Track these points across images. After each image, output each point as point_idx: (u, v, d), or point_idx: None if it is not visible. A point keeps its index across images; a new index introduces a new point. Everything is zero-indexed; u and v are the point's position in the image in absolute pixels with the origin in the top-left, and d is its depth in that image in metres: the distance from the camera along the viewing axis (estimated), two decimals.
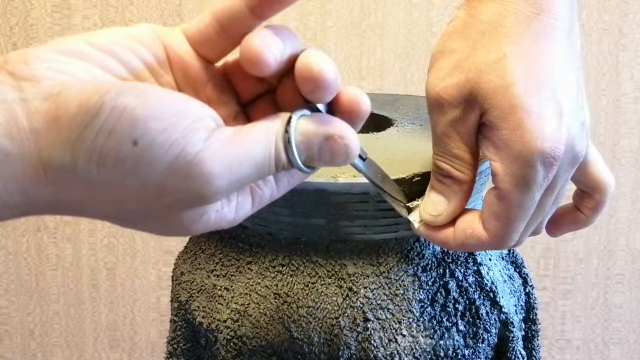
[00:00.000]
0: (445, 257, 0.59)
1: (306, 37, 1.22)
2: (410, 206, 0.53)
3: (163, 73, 0.38)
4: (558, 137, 0.46)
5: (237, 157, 0.34)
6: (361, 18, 1.23)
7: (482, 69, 0.47)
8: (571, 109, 0.47)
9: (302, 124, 0.36)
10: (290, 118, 0.36)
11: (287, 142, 0.36)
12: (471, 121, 0.48)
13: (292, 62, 0.37)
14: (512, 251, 0.66)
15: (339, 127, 0.37)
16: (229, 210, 0.37)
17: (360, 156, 0.45)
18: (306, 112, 0.37)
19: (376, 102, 0.72)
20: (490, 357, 0.60)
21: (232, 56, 0.40)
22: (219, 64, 0.40)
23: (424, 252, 0.57)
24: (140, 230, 0.38)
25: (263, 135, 0.36)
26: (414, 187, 0.53)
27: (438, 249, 0.58)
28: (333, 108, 0.38)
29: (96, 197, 0.34)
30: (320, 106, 0.38)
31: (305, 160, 0.37)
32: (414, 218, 0.52)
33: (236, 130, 0.35)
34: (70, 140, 0.32)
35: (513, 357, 0.61)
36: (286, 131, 0.36)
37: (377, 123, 0.67)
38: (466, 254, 0.60)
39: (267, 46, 0.35)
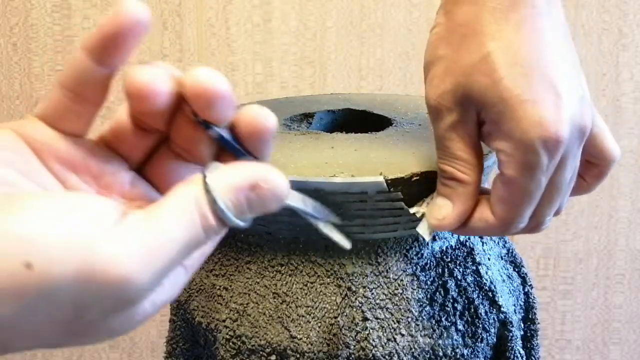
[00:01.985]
0: (444, 257, 0.59)
1: (306, 37, 1.23)
2: (412, 212, 0.53)
3: (38, 173, 0.33)
4: (559, 119, 0.46)
5: (156, 245, 0.30)
6: (361, 18, 1.23)
7: (469, 71, 0.48)
8: (567, 87, 0.47)
9: (221, 180, 0.32)
10: (204, 178, 0.32)
11: (213, 205, 0.31)
12: (470, 122, 0.49)
13: (178, 98, 0.34)
14: (511, 251, 0.66)
15: (261, 171, 0.33)
16: (163, 292, 0.32)
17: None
18: (217, 164, 0.33)
19: (376, 102, 0.72)
20: (489, 356, 0.60)
21: (106, 124, 0.36)
22: (95, 136, 0.36)
23: (422, 251, 0.57)
24: (70, 347, 0.34)
25: (181, 209, 0.31)
26: (413, 187, 0.53)
27: (437, 248, 0.58)
28: (236, 132, 0.35)
29: (10, 336, 0.29)
30: (224, 132, 0.34)
31: (236, 216, 0.32)
32: (422, 230, 0.53)
33: (147, 213, 0.30)
34: None
35: (512, 356, 0.61)
36: (207, 191, 0.31)
37: (376, 123, 0.67)
38: (465, 253, 0.60)
39: (155, 75, 0.32)
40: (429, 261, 0.58)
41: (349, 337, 0.55)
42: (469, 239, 0.61)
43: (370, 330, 0.55)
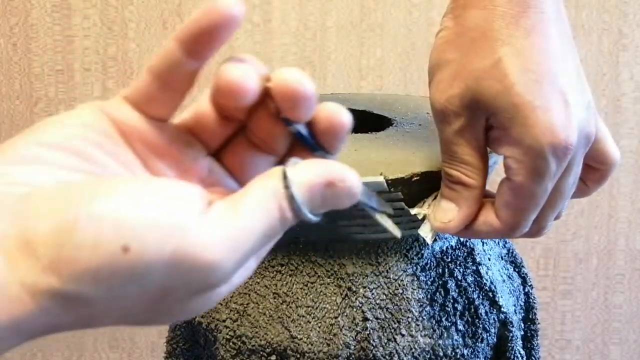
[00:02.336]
0: (445, 257, 0.59)
1: (306, 37, 1.23)
2: (412, 213, 0.53)
3: (120, 151, 0.35)
4: (568, 126, 0.47)
5: (239, 235, 0.31)
6: (361, 18, 1.23)
7: (480, 75, 0.48)
8: (575, 94, 0.48)
9: (300, 176, 0.33)
10: (284, 173, 0.33)
11: (290, 200, 0.33)
12: (478, 127, 0.49)
13: (262, 88, 0.34)
14: (511, 251, 0.66)
15: (337, 170, 0.34)
16: (237, 277, 0.34)
17: None
18: (296, 160, 0.35)
19: (376, 102, 0.72)
20: (489, 356, 0.60)
21: (187, 110, 0.37)
22: (177, 121, 0.37)
23: (423, 251, 0.57)
24: (150, 326, 0.34)
25: (263, 202, 0.32)
26: (413, 186, 0.53)
27: (437, 248, 0.58)
28: (313, 128, 0.36)
29: (97, 313, 0.31)
30: (302, 128, 0.36)
31: (311, 211, 0.34)
32: (425, 233, 0.53)
33: (230, 204, 0.32)
34: (52, 263, 0.29)
35: (512, 356, 0.61)
36: (286, 187, 0.33)
37: (376, 123, 0.67)
38: (465, 253, 0.60)
39: (245, 73, 0.33)
40: (429, 261, 0.58)
41: (349, 337, 0.55)
42: (469, 239, 0.61)
43: (371, 331, 0.55)
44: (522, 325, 0.65)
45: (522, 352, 0.62)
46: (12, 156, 0.32)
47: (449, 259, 0.59)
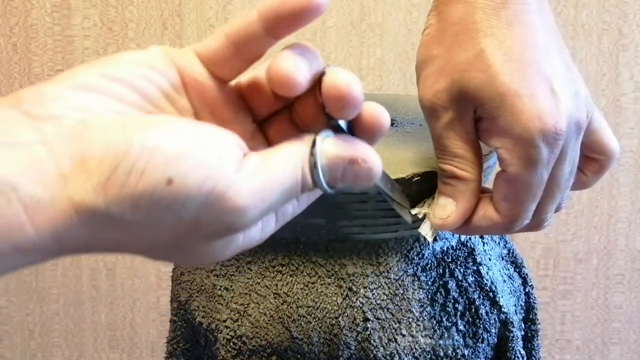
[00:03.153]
0: (445, 257, 0.59)
1: (306, 37, 1.22)
2: (413, 213, 0.53)
3: (179, 97, 0.37)
4: (556, 112, 0.47)
5: (266, 186, 0.34)
6: (361, 18, 1.23)
7: (464, 68, 0.48)
8: (561, 83, 0.48)
9: (327, 147, 0.36)
10: (314, 141, 0.36)
11: (313, 166, 0.36)
12: (467, 119, 0.49)
13: (314, 79, 0.36)
14: (512, 251, 0.66)
15: (363, 150, 0.37)
16: (256, 232, 0.37)
17: None
18: (329, 133, 0.37)
19: (376, 102, 0.72)
20: (490, 356, 0.60)
21: (246, 75, 0.39)
22: (232, 83, 0.39)
23: (423, 251, 0.57)
24: (170, 262, 0.37)
25: (290, 161, 0.35)
26: (413, 187, 0.53)
27: (438, 248, 0.58)
28: (354, 124, 0.38)
29: (130, 237, 0.33)
30: (342, 122, 0.37)
31: (329, 182, 0.36)
32: (425, 231, 0.52)
33: (262, 157, 0.35)
34: (101, 184, 0.31)
35: (513, 356, 0.61)
36: (312, 154, 0.36)
37: None
38: (466, 253, 0.60)
39: (297, 67, 0.35)
40: (429, 261, 0.58)
41: (350, 338, 0.55)
42: (470, 239, 0.61)
43: (371, 331, 0.55)
44: (523, 325, 0.65)
45: (523, 352, 0.62)
46: (76, 83, 0.34)
47: (450, 259, 0.59)
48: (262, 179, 0.34)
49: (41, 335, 1.36)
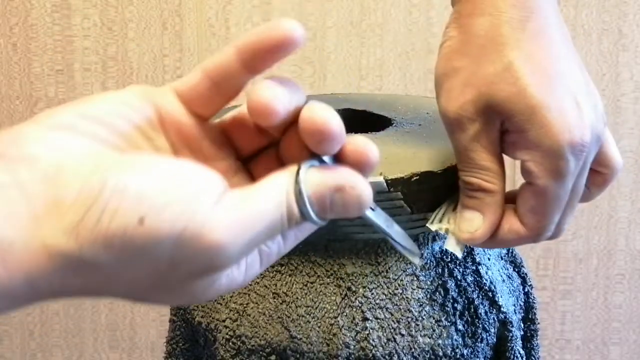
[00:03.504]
0: (444, 257, 0.59)
1: (306, 37, 1.22)
2: (433, 229, 0.53)
3: (156, 136, 0.36)
4: (582, 125, 0.48)
5: (247, 220, 0.33)
6: (361, 18, 1.23)
7: (492, 80, 0.48)
8: (583, 96, 0.49)
9: (312, 175, 0.35)
10: (298, 170, 0.35)
11: (298, 196, 0.34)
12: (493, 131, 0.49)
13: (296, 113, 0.36)
14: (511, 251, 0.66)
15: (349, 177, 0.35)
16: (239, 274, 0.36)
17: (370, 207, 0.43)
18: (314, 162, 0.36)
19: (375, 102, 0.72)
20: (489, 356, 0.60)
21: (230, 112, 0.39)
22: (214, 120, 0.38)
23: (422, 251, 0.57)
24: (151, 303, 0.37)
25: (273, 193, 0.34)
26: (413, 186, 0.53)
27: (437, 248, 0.58)
28: (339, 159, 0.37)
29: (106, 281, 0.33)
30: (326, 158, 0.37)
31: (317, 213, 0.35)
32: (452, 247, 0.52)
33: (243, 192, 0.34)
34: (73, 226, 0.31)
35: (512, 356, 0.61)
36: (296, 182, 0.34)
37: (376, 123, 0.67)
38: (465, 253, 0.60)
39: (276, 96, 0.34)
40: (428, 261, 0.58)
41: (349, 337, 0.55)
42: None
43: (370, 330, 0.55)
44: (522, 325, 0.65)
45: (522, 352, 0.62)
46: (52, 123, 0.33)
47: (449, 259, 0.59)
48: (241, 213, 0.33)
49: (41, 335, 1.36)
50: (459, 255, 0.53)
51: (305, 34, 0.35)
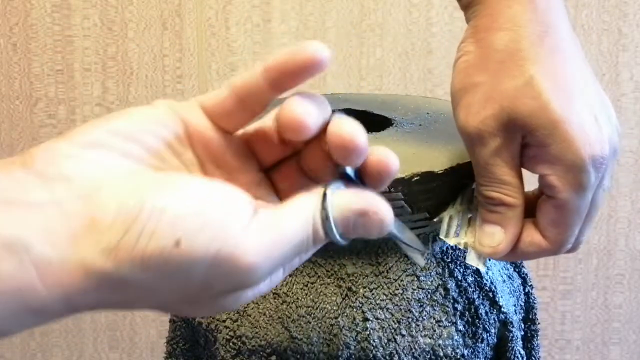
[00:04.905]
0: (444, 257, 0.59)
1: (306, 37, 1.22)
2: (452, 244, 0.53)
3: (184, 151, 0.37)
4: (601, 138, 0.49)
5: (276, 242, 0.34)
6: (361, 18, 1.23)
7: (513, 94, 0.48)
8: (599, 109, 0.50)
9: (338, 200, 0.36)
10: (324, 194, 0.36)
11: (325, 219, 0.36)
12: (514, 146, 0.50)
13: (322, 127, 0.37)
14: None
15: (373, 202, 0.37)
16: (264, 285, 0.37)
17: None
18: (339, 184, 0.37)
19: (376, 102, 0.72)
20: (489, 356, 0.60)
21: (251, 126, 0.40)
22: (238, 132, 0.39)
23: (427, 251, 0.57)
24: (180, 315, 0.37)
25: (301, 216, 0.35)
26: (413, 187, 0.53)
27: (437, 249, 0.58)
28: (362, 170, 0.38)
29: (140, 297, 0.34)
30: (349, 169, 0.38)
31: (341, 235, 0.37)
32: (474, 262, 0.53)
33: (272, 213, 0.35)
34: (112, 246, 0.32)
35: (512, 356, 0.61)
36: (323, 207, 0.36)
37: (376, 123, 0.67)
38: (465, 253, 0.60)
39: (307, 112, 0.36)
40: (429, 261, 0.58)
41: (350, 338, 0.55)
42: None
43: (371, 331, 0.55)
44: (522, 325, 0.65)
45: (522, 352, 0.62)
46: (85, 140, 0.34)
47: (449, 259, 0.59)
48: (271, 236, 0.34)
49: (41, 335, 1.36)
50: (482, 270, 0.53)
51: (330, 55, 0.36)
